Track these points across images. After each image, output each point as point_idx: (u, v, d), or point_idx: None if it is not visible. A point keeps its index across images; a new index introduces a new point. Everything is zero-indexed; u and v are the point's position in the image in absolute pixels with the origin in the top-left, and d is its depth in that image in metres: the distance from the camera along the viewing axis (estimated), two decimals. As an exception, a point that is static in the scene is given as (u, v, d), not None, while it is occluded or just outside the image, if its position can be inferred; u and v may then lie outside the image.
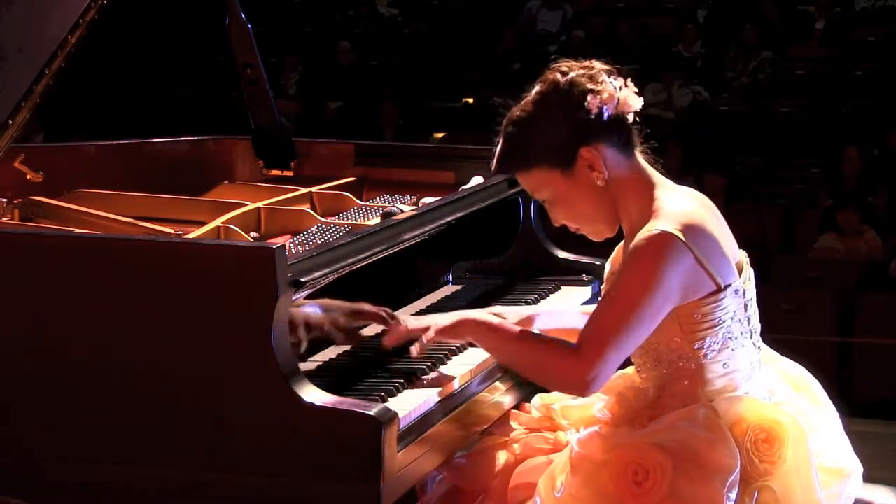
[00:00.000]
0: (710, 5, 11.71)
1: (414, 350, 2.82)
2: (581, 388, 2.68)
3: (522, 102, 2.79)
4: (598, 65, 2.78)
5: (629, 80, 2.78)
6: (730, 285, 2.71)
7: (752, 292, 2.80)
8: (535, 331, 2.93)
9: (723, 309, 2.71)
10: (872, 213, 8.55)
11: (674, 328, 2.70)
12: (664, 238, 2.63)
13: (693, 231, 2.66)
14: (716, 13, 11.59)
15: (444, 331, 2.82)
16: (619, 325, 2.63)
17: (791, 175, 9.73)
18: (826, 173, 9.48)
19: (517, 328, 2.83)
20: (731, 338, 2.74)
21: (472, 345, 2.96)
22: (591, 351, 2.64)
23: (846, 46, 10.80)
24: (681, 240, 2.63)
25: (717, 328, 2.71)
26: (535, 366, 2.76)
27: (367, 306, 2.94)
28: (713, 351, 2.73)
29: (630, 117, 2.77)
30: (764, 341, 2.89)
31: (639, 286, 2.63)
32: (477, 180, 3.76)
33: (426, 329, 2.82)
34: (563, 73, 2.76)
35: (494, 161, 2.83)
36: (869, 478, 2.89)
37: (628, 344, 2.66)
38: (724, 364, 2.75)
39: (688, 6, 11.83)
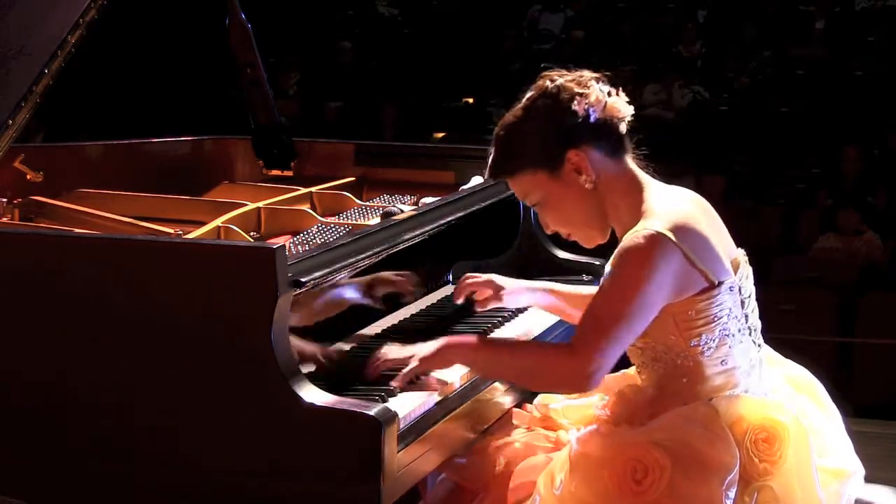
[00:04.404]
0: (710, 5, 11.71)
1: (395, 383, 2.73)
2: (581, 384, 2.69)
3: (513, 109, 2.83)
4: (587, 73, 2.82)
5: (619, 89, 2.81)
6: (723, 282, 2.71)
7: (749, 289, 2.81)
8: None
9: (717, 305, 2.71)
10: (872, 213, 8.55)
11: (669, 326, 2.71)
12: (653, 238, 2.65)
13: (683, 231, 2.66)
14: (716, 13, 11.58)
15: (427, 359, 2.76)
16: (613, 319, 2.64)
17: (791, 175, 9.72)
18: (826, 173, 9.47)
19: (502, 339, 2.82)
20: (727, 335, 2.74)
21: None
22: (587, 346, 2.64)
23: (846, 46, 10.79)
24: (670, 239, 2.64)
25: (713, 325, 2.72)
26: (530, 372, 2.75)
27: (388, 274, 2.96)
28: (710, 348, 2.73)
29: (622, 125, 2.80)
30: (764, 341, 2.89)
31: (630, 283, 2.64)
32: (477, 180, 3.77)
33: (408, 359, 2.77)
34: (553, 80, 2.80)
35: (487, 168, 2.86)
36: (869, 478, 2.89)
37: (623, 337, 2.66)
38: (723, 361, 2.75)
39: (688, 6, 11.82)
